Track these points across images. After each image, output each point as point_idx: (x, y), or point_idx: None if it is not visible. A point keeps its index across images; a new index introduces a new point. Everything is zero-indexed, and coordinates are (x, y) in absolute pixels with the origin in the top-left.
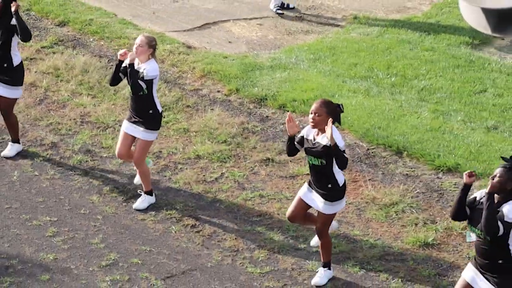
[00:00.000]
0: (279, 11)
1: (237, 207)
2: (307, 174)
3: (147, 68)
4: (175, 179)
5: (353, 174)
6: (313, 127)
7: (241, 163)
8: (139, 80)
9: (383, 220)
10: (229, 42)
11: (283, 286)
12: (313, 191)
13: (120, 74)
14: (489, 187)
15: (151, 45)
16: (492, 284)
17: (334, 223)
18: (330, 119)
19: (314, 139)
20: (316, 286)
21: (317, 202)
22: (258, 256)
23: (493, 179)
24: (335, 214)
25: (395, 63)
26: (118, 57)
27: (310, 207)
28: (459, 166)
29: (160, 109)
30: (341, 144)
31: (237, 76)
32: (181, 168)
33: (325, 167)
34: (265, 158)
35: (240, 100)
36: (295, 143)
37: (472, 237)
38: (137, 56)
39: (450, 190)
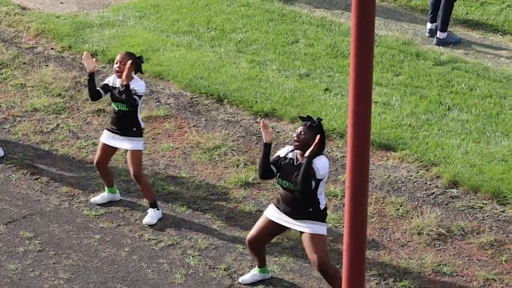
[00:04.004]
0: None
1: (72, 155)
2: None
3: None
4: (14, 131)
5: (178, 122)
6: (119, 76)
7: (75, 114)
8: None
9: (207, 162)
10: (61, 2)
11: (117, 227)
12: (116, 135)
13: None
14: (310, 149)
15: None
16: (301, 225)
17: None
18: (128, 64)
19: (121, 87)
20: (147, 225)
21: (122, 143)
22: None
23: (298, 137)
24: (141, 152)
25: (214, 18)
26: None
27: (115, 150)
28: (275, 111)
29: None
30: (140, 90)
31: (69, 34)
32: (19, 120)
33: (131, 113)
34: (96, 109)
35: (73, 56)
36: (99, 88)
37: None
38: None
39: None
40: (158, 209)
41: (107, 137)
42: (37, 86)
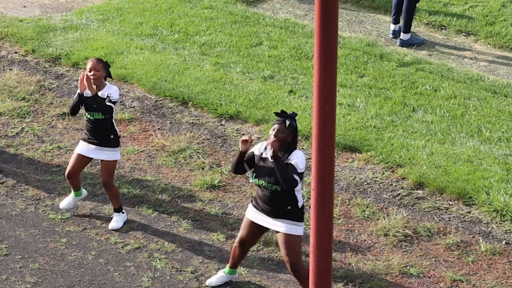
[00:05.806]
0: None
1: (38, 159)
2: None
3: None
4: None
5: (143, 125)
6: (95, 82)
7: (40, 118)
8: None
9: (173, 165)
10: (24, 6)
11: (83, 230)
12: (90, 145)
13: None
14: (272, 149)
15: None
16: (277, 224)
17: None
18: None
19: (91, 94)
20: (113, 230)
21: (98, 153)
22: (59, 203)
23: (275, 136)
24: (116, 161)
25: (177, 21)
26: None
27: (90, 161)
28: (240, 113)
29: None
30: (115, 95)
31: (32, 38)
32: None
33: (106, 120)
34: (61, 113)
35: (36, 60)
36: (79, 101)
37: None
38: None
39: (233, 135)
40: (123, 213)
41: (82, 148)
42: (1, 90)
